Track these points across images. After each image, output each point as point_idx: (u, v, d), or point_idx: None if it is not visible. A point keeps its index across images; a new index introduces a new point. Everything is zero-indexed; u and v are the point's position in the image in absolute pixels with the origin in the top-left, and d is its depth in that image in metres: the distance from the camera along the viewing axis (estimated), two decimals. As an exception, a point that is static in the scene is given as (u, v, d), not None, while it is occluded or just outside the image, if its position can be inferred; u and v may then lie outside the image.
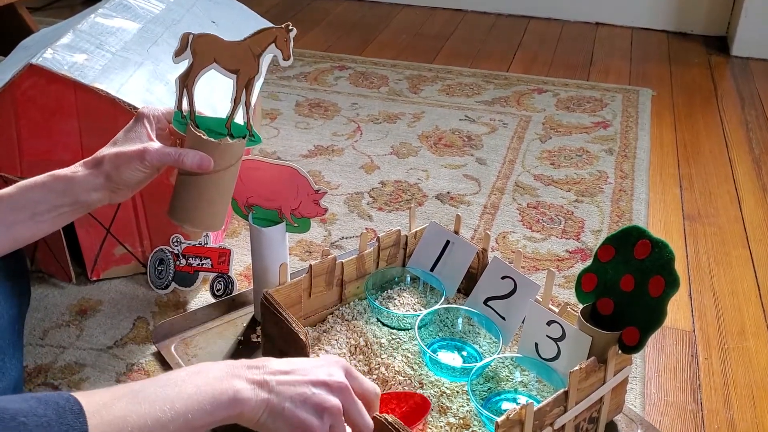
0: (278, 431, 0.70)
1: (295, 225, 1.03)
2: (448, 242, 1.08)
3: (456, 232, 1.08)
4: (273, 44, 0.84)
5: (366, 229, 1.39)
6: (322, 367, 0.73)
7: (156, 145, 0.84)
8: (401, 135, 1.78)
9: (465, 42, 2.46)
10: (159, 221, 1.19)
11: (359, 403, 0.74)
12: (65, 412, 0.58)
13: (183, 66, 0.86)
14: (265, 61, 0.86)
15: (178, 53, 0.85)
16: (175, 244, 1.18)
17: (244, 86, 0.86)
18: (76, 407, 0.59)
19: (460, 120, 1.86)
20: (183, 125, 0.88)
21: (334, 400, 0.71)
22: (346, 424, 0.73)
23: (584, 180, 1.59)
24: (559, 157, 1.69)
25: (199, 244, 1.18)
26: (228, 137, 0.88)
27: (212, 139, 0.86)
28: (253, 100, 0.88)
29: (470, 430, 0.87)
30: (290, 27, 0.84)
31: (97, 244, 1.18)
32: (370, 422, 0.75)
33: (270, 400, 0.69)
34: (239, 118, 0.88)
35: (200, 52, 0.85)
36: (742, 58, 2.36)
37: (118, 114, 1.06)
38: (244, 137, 0.89)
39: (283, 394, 0.69)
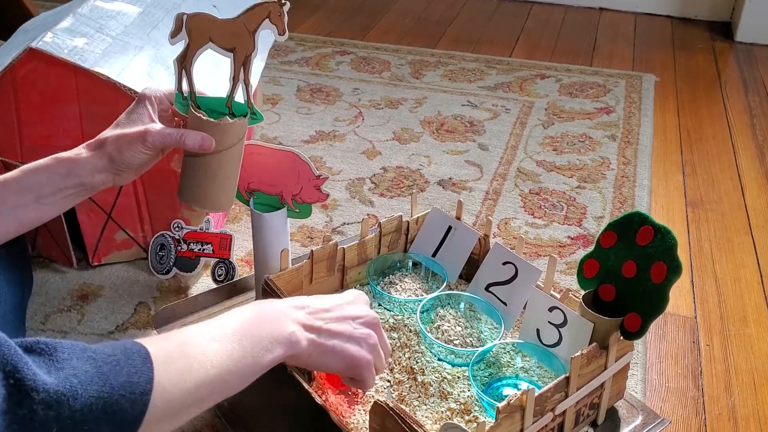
0: (328, 366, 0.77)
1: (297, 210, 1.03)
2: (449, 228, 1.08)
3: (458, 218, 1.07)
4: (267, 20, 0.84)
5: (367, 214, 1.39)
6: (355, 305, 0.81)
7: (157, 126, 0.84)
8: (403, 120, 1.77)
9: (468, 27, 2.44)
10: (160, 206, 1.18)
11: (384, 335, 0.83)
12: (133, 354, 0.59)
13: (182, 48, 0.86)
14: (263, 39, 0.85)
15: (174, 34, 0.85)
16: (177, 229, 1.18)
17: (241, 64, 0.85)
18: (143, 351, 0.60)
19: (462, 105, 1.86)
20: (184, 106, 0.88)
21: (372, 333, 0.79)
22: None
23: (587, 166, 1.58)
24: (561, 143, 1.68)
25: (201, 229, 1.18)
26: (228, 116, 0.88)
27: (212, 119, 0.86)
28: (253, 79, 0.87)
29: (471, 415, 0.87)
30: (283, 1, 0.83)
31: (98, 229, 1.18)
32: (389, 346, 0.85)
33: (318, 340, 0.74)
34: (240, 97, 0.88)
35: (195, 32, 0.84)
36: (746, 44, 2.34)
37: (118, 98, 1.06)
38: (245, 116, 0.88)
39: (329, 332, 0.75)
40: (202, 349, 0.64)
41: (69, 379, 0.52)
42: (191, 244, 1.18)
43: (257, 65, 1.26)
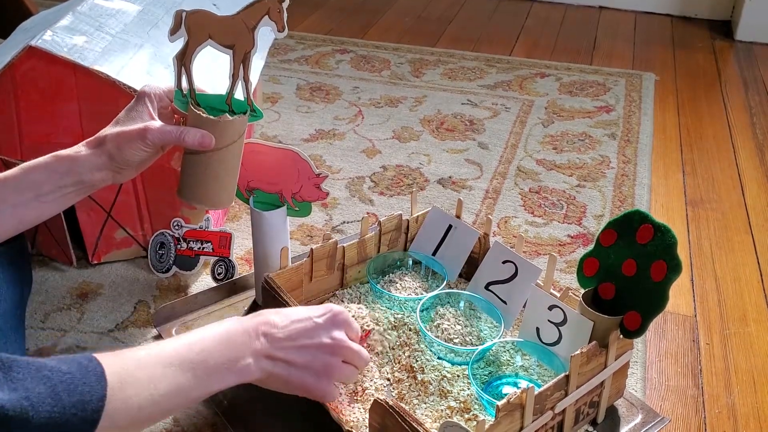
0: (281, 389, 0.80)
1: (296, 209, 1.03)
2: (449, 227, 1.08)
3: (458, 217, 1.07)
4: (267, 16, 0.84)
5: (367, 213, 1.39)
6: (325, 329, 0.81)
7: (157, 123, 0.84)
8: (403, 119, 1.77)
9: (468, 26, 2.44)
10: (159, 205, 1.18)
11: (356, 348, 0.82)
12: (88, 372, 0.61)
13: (181, 45, 0.86)
14: (262, 36, 0.85)
15: (173, 31, 0.85)
16: (176, 227, 1.18)
17: (241, 61, 0.85)
18: (99, 369, 0.62)
19: (462, 104, 1.85)
20: (184, 104, 0.88)
21: (330, 363, 0.80)
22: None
23: (586, 165, 1.58)
24: (561, 142, 1.68)
25: (200, 227, 1.18)
26: (228, 113, 0.87)
27: (212, 117, 0.85)
28: (253, 76, 0.87)
29: (471, 413, 0.87)
30: None
31: (97, 228, 1.18)
32: (366, 357, 0.84)
33: (273, 370, 0.77)
34: (239, 94, 0.88)
35: (194, 29, 0.84)
36: (746, 43, 2.34)
37: (118, 96, 1.05)
38: (244, 113, 0.88)
39: (287, 362, 0.77)
40: (154, 375, 0.66)
41: (20, 402, 0.54)
42: (191, 242, 1.17)
43: (257, 63, 1.26)
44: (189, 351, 0.71)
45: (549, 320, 0.90)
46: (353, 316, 0.93)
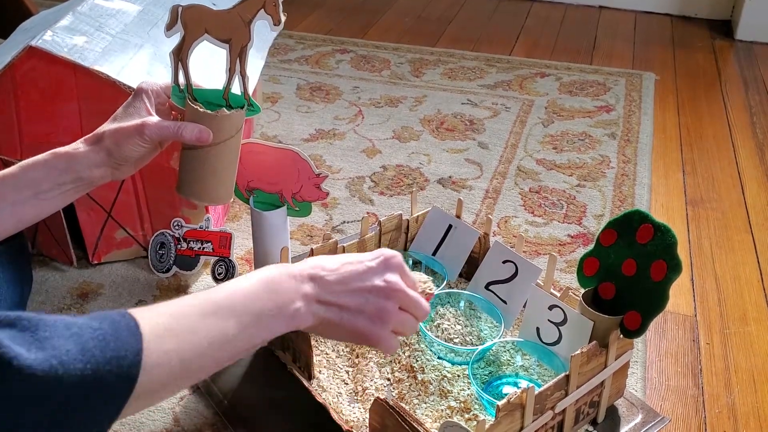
0: (335, 337, 0.74)
1: (297, 209, 1.03)
2: (450, 227, 1.08)
3: (458, 217, 1.07)
4: (262, 10, 0.84)
5: (367, 213, 1.39)
6: (377, 272, 0.74)
7: (155, 119, 0.84)
8: (403, 119, 1.77)
9: (468, 25, 2.44)
10: (160, 205, 1.18)
11: (413, 295, 0.75)
12: (121, 327, 0.56)
13: (178, 40, 0.86)
14: (263, 36, 0.85)
15: (169, 27, 0.85)
16: (176, 227, 1.18)
17: (237, 55, 0.85)
18: (132, 323, 0.57)
19: (462, 104, 1.85)
20: (181, 99, 0.88)
21: (385, 307, 0.73)
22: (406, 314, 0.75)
23: (586, 164, 1.58)
24: (561, 142, 1.68)
25: (200, 227, 1.18)
26: (225, 108, 0.87)
27: (209, 111, 0.86)
28: (252, 75, 0.87)
29: (471, 413, 0.87)
30: None
31: (98, 228, 1.18)
32: (426, 307, 0.76)
33: (325, 315, 0.70)
34: (236, 89, 0.88)
35: (191, 23, 0.84)
36: (746, 42, 2.34)
37: (118, 96, 1.05)
38: (242, 107, 0.88)
39: (339, 306, 0.71)
40: (194, 326, 0.61)
41: (50, 361, 0.50)
42: (191, 242, 1.18)
43: (257, 63, 1.26)
44: (230, 299, 0.65)
45: (549, 320, 0.90)
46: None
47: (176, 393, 0.61)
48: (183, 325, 0.61)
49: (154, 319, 0.59)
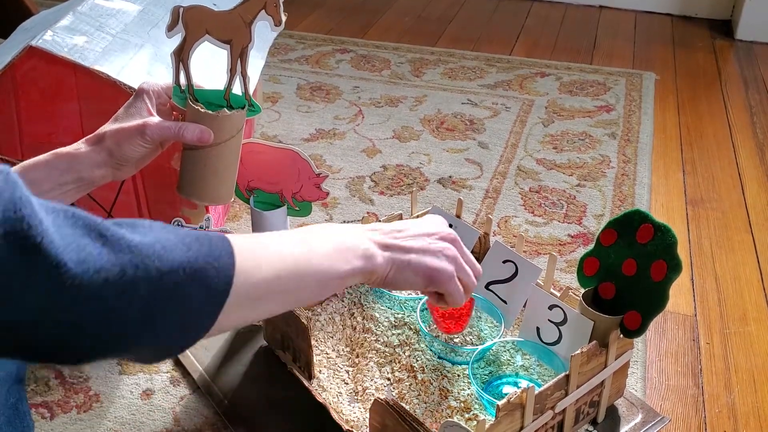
0: (407, 282, 0.73)
1: (297, 209, 1.03)
2: (450, 226, 1.07)
3: (458, 216, 1.07)
4: (263, 11, 0.84)
5: (367, 213, 1.39)
6: (429, 223, 0.77)
7: (156, 119, 0.84)
8: (403, 119, 1.77)
9: (468, 25, 2.44)
10: (160, 205, 1.18)
11: (468, 253, 0.78)
12: (212, 237, 0.57)
13: (179, 41, 0.86)
14: (262, 36, 0.85)
15: (170, 27, 0.85)
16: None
17: (238, 56, 0.85)
18: (222, 236, 0.59)
19: (462, 104, 1.86)
20: (182, 99, 0.88)
21: (449, 246, 0.75)
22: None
23: (587, 164, 1.58)
24: (561, 142, 1.68)
25: (201, 227, 1.18)
26: (226, 108, 0.88)
27: (210, 112, 0.86)
28: (253, 75, 0.87)
29: (471, 413, 0.87)
30: None
31: (98, 228, 1.18)
32: (479, 271, 0.79)
33: (393, 256, 0.71)
34: (237, 89, 0.88)
35: (192, 24, 0.84)
36: (746, 42, 2.34)
37: (118, 96, 1.05)
38: (243, 108, 0.88)
39: (404, 248, 0.72)
40: (280, 247, 0.63)
41: (153, 245, 0.51)
42: (191, 242, 1.17)
43: (257, 63, 1.26)
44: (306, 232, 0.67)
45: (549, 320, 0.90)
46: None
47: (268, 315, 0.62)
48: (268, 245, 0.63)
49: (240, 239, 0.60)
